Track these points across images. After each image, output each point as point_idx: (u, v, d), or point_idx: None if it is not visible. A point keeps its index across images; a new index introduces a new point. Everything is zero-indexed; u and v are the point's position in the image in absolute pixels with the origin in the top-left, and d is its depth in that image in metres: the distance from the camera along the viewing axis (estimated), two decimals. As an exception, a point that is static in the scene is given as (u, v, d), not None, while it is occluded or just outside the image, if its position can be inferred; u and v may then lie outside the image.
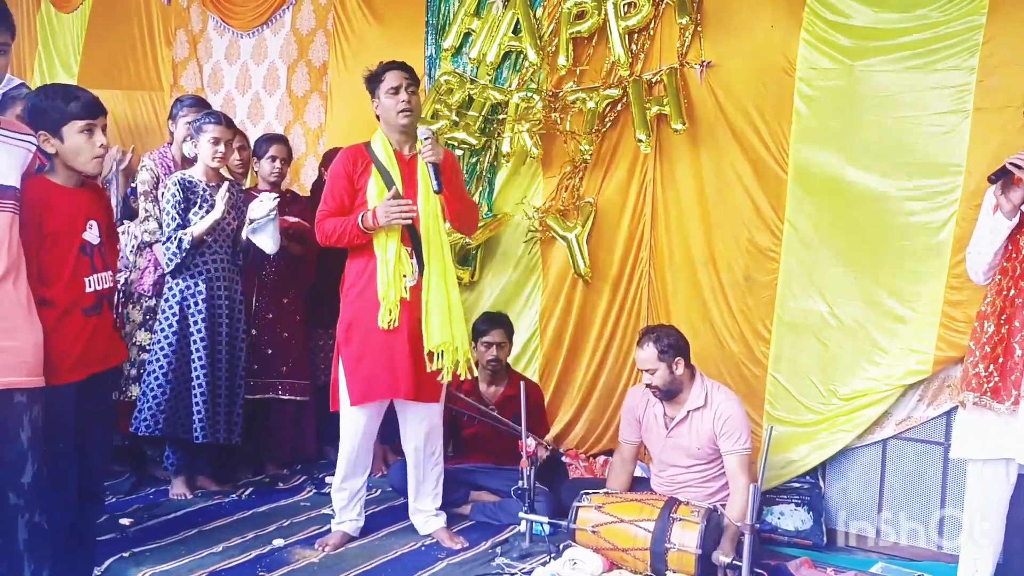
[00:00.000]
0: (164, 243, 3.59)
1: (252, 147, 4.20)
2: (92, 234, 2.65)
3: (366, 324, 3.15)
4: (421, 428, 3.30)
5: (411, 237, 3.16)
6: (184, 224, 3.56)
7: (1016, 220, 2.75)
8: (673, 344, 3.31)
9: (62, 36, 6.06)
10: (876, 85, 3.43)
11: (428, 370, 3.15)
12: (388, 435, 3.65)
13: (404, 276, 3.13)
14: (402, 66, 3.22)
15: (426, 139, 3.10)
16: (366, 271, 3.17)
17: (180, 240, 3.53)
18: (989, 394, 2.76)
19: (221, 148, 3.62)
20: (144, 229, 3.89)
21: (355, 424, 3.24)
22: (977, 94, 3.22)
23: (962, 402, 2.85)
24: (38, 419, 2.44)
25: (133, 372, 3.88)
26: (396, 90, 3.15)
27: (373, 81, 3.21)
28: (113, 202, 4.75)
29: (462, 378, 3.25)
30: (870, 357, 3.47)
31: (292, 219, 3.84)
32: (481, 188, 4.39)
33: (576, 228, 4.11)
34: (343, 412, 3.26)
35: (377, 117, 3.27)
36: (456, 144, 4.29)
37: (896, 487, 3.48)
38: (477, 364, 3.46)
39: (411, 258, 3.17)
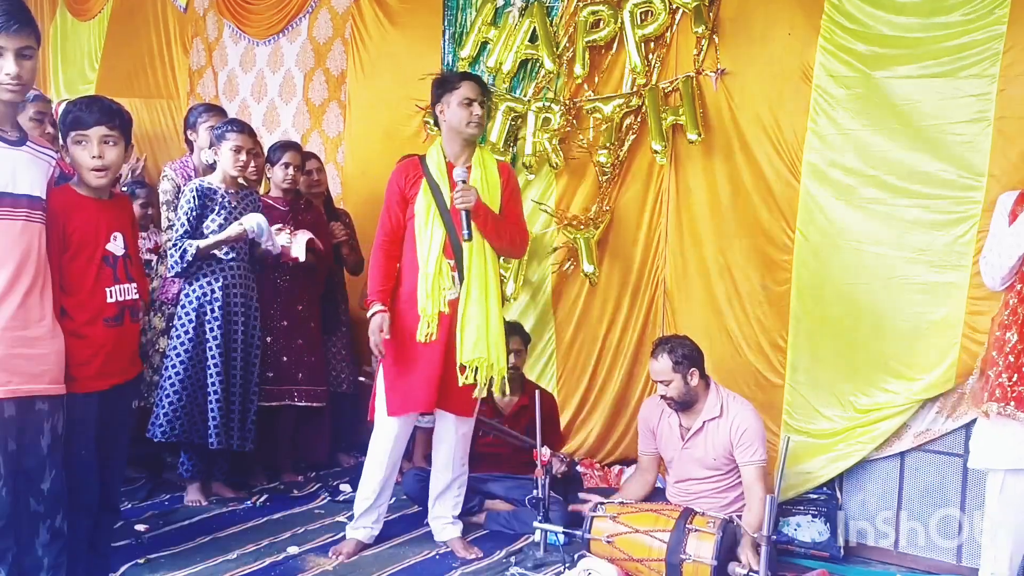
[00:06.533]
0: (170, 248, 3.60)
1: (266, 154, 4.22)
2: (116, 246, 2.66)
3: (404, 335, 3.16)
4: (448, 439, 3.31)
5: (454, 250, 3.16)
6: (193, 232, 3.57)
7: None
8: (688, 355, 3.30)
9: (78, 44, 6.11)
10: (895, 93, 3.40)
11: (459, 383, 3.16)
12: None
13: (445, 289, 3.14)
14: (478, 79, 3.29)
15: (461, 182, 3.10)
16: (408, 280, 3.19)
17: (185, 251, 3.53)
18: (1013, 404, 2.73)
19: (243, 157, 3.64)
20: (168, 238, 3.92)
21: (391, 432, 3.24)
22: (998, 103, 3.19)
23: (986, 412, 2.82)
24: (58, 427, 2.47)
25: (156, 378, 3.89)
26: (470, 102, 3.17)
27: (445, 86, 3.23)
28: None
29: (483, 394, 3.24)
30: (889, 369, 3.43)
31: (301, 235, 3.84)
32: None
33: (588, 232, 4.10)
34: (379, 420, 3.26)
35: (435, 123, 3.30)
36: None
37: (914, 499, 3.45)
38: None
39: (453, 271, 3.17)
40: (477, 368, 3.15)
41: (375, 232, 3.31)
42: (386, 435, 3.24)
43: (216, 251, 3.59)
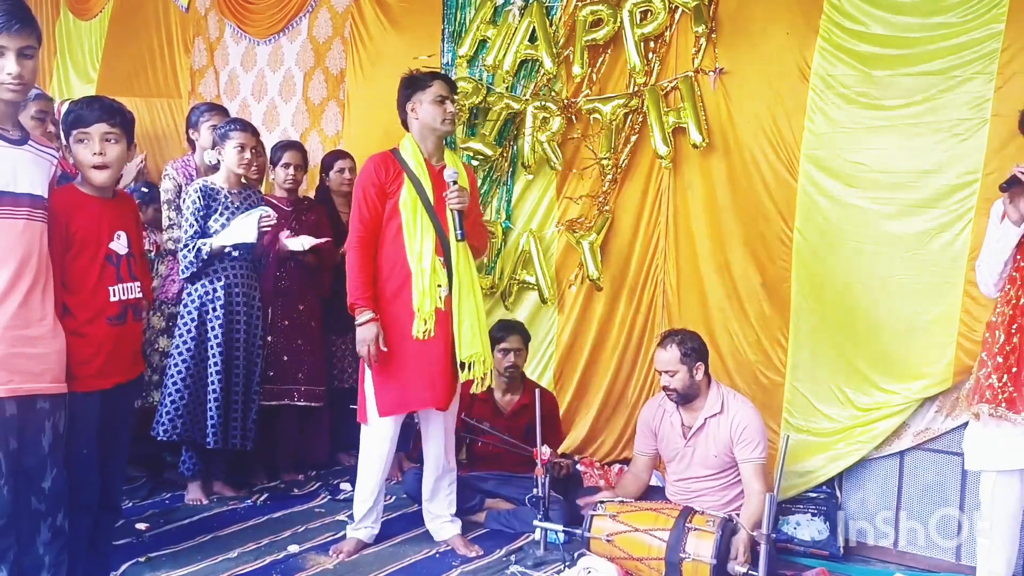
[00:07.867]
0: (181, 249, 3.61)
1: (267, 154, 4.23)
2: (119, 244, 2.67)
3: (397, 333, 3.15)
4: (440, 435, 3.32)
5: (443, 247, 3.17)
6: (203, 231, 3.58)
7: None
8: (696, 348, 3.32)
9: (80, 43, 6.12)
10: (893, 92, 3.41)
11: (461, 380, 3.18)
12: (402, 442, 3.66)
13: (439, 286, 3.14)
14: (448, 78, 3.32)
15: (453, 183, 3.12)
16: (394, 278, 3.17)
17: (199, 249, 3.54)
18: (1004, 405, 2.73)
19: (247, 155, 3.65)
20: (168, 237, 3.93)
21: (383, 433, 3.23)
22: (995, 101, 3.20)
23: (976, 414, 2.82)
24: (59, 425, 2.47)
25: (156, 378, 3.90)
26: (443, 99, 3.19)
27: (415, 85, 3.22)
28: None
29: (480, 389, 3.27)
30: (888, 368, 3.44)
31: (308, 241, 3.86)
32: (499, 195, 4.40)
33: (591, 235, 4.11)
34: (371, 422, 3.25)
35: (404, 123, 3.27)
36: (472, 154, 4.30)
37: (914, 497, 3.46)
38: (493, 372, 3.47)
39: (443, 267, 3.17)
40: (473, 363, 3.17)
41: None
42: (380, 436, 3.24)
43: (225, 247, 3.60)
